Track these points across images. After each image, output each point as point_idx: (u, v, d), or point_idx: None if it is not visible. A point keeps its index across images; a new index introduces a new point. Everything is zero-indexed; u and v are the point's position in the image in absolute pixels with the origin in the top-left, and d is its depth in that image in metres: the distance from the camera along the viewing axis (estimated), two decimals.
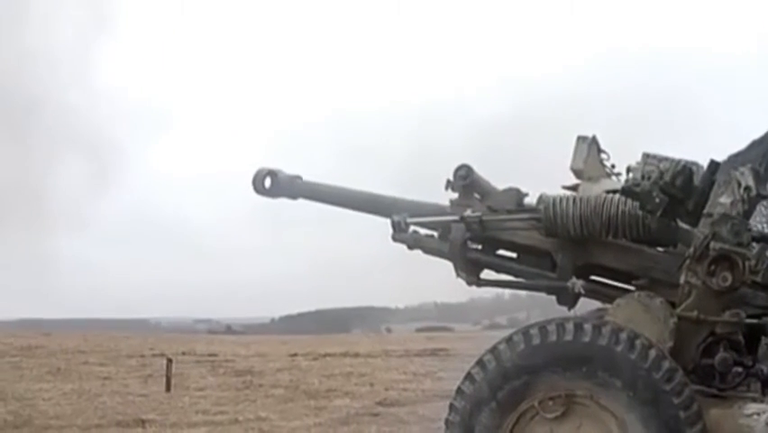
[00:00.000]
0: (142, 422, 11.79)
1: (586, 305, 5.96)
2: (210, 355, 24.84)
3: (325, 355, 25.04)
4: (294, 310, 78.66)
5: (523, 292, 6.67)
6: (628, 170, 5.62)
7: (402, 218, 5.85)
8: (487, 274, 5.94)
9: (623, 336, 4.62)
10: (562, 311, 5.71)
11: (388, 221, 5.94)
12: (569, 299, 5.62)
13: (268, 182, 6.37)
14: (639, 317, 5.00)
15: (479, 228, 5.64)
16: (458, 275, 5.84)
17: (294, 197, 6.47)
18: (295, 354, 25.25)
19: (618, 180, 5.88)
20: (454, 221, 5.69)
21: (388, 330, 63.60)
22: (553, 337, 4.64)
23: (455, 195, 5.86)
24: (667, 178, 5.00)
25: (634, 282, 5.53)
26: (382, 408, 13.29)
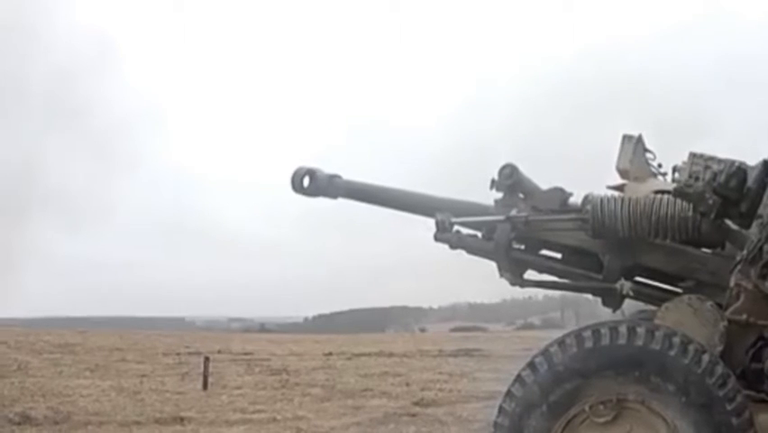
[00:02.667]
0: (181, 420, 11.86)
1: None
2: (245, 354, 24.96)
3: (360, 355, 25.07)
4: (327, 310, 79.02)
5: (556, 293, 6.61)
6: (674, 170, 5.54)
7: (446, 218, 5.78)
8: (530, 275, 5.90)
9: (676, 340, 4.54)
10: (594, 312, 5.63)
11: (422, 222, 5.91)
12: (615, 300, 5.56)
13: (306, 181, 6.28)
14: (688, 321, 4.94)
15: (525, 228, 5.59)
16: (501, 275, 5.79)
17: (334, 196, 6.38)
18: (330, 354, 25.30)
19: (665, 180, 5.81)
20: (500, 221, 5.64)
21: (422, 330, 63.54)
22: (606, 341, 4.56)
23: (499, 194, 5.80)
24: (721, 179, 4.91)
25: (680, 284, 5.47)
26: (419, 408, 13.25)
